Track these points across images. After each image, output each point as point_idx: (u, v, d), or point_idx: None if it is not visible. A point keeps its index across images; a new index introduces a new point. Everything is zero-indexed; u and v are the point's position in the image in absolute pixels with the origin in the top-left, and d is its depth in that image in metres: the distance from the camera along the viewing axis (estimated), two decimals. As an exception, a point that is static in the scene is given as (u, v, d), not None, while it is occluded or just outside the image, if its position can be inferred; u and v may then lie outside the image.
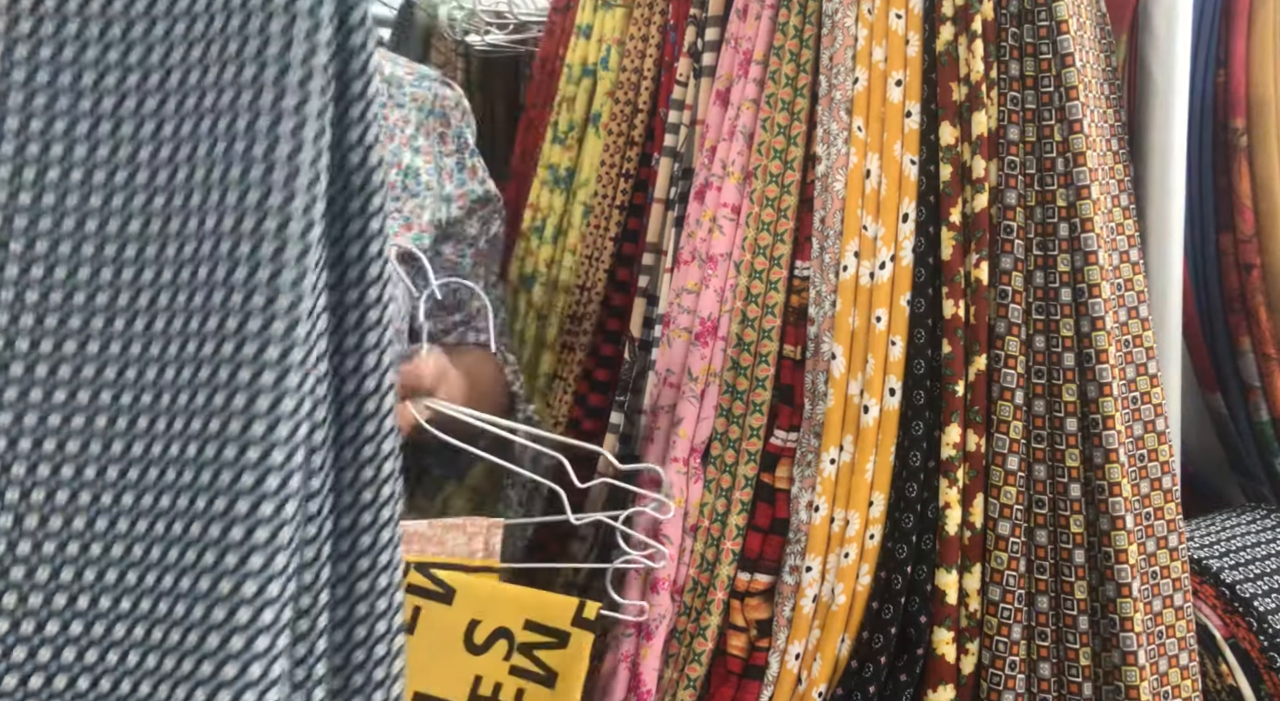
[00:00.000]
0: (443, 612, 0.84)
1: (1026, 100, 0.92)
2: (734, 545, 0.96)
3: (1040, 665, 0.90)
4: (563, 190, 1.27)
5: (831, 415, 0.94)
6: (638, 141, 1.19)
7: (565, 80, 1.28)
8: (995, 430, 0.91)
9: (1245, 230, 1.12)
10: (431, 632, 0.84)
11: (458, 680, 0.84)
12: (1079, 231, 0.89)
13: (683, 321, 1.03)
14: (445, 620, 0.84)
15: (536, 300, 1.26)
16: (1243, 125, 1.11)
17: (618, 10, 1.23)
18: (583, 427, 1.16)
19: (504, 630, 0.84)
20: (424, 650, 0.83)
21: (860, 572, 0.92)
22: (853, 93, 0.96)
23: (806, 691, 0.90)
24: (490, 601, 0.84)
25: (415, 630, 0.83)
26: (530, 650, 0.84)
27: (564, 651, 0.84)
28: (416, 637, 0.83)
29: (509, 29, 1.60)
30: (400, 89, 1.11)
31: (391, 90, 1.11)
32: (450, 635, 0.84)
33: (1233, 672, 0.99)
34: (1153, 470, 0.93)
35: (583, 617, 0.84)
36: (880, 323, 0.93)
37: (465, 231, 1.16)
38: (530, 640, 0.84)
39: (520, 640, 0.84)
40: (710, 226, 1.03)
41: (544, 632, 0.84)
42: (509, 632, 0.84)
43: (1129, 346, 0.93)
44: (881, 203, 0.95)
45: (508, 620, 0.84)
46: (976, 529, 0.90)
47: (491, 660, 0.84)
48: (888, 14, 0.95)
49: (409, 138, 1.11)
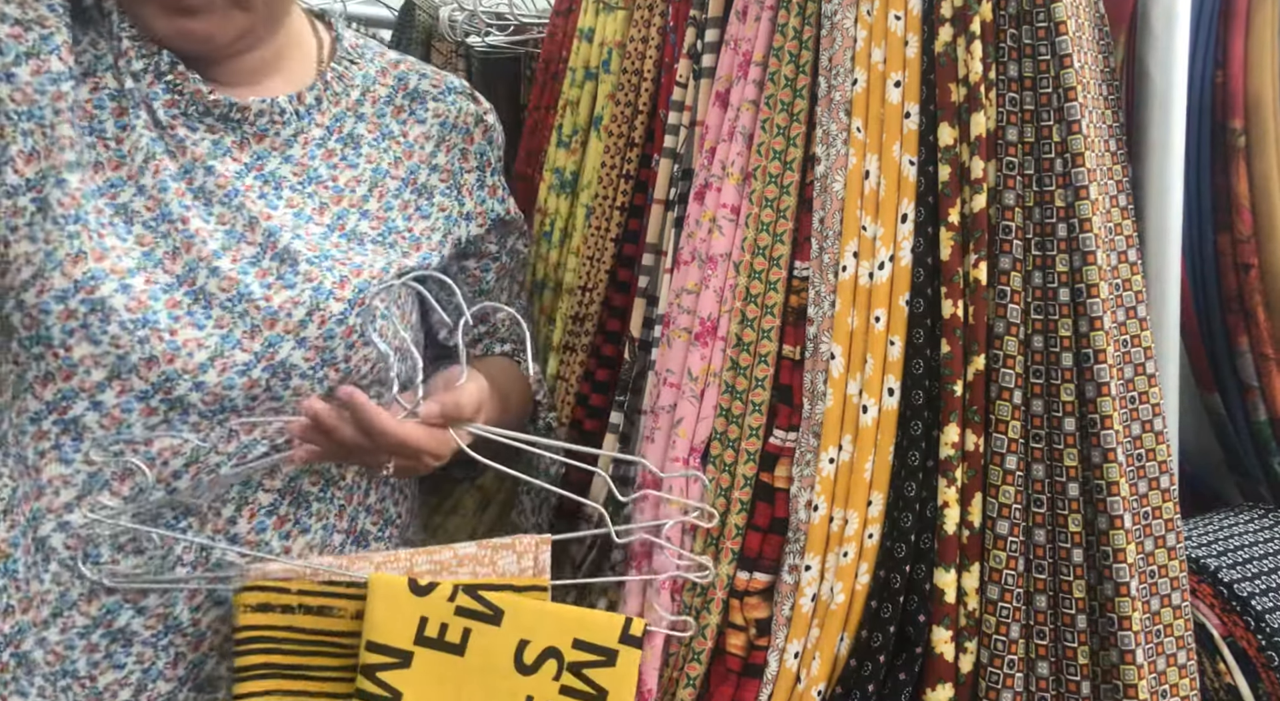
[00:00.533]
0: (493, 634, 0.84)
1: (1025, 101, 0.93)
2: (733, 544, 0.96)
3: (1038, 664, 0.90)
4: (568, 194, 1.27)
5: (830, 415, 0.94)
6: (638, 143, 1.19)
7: (569, 84, 1.29)
8: (994, 430, 0.91)
9: (1243, 230, 1.12)
10: (483, 654, 0.84)
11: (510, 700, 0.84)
12: (1077, 232, 0.90)
13: (682, 321, 1.03)
14: (495, 642, 0.84)
15: (547, 304, 1.27)
16: (1241, 125, 1.12)
17: (618, 13, 1.23)
18: (584, 427, 1.17)
19: (553, 650, 0.84)
20: (476, 671, 0.84)
21: (859, 571, 0.92)
22: (852, 94, 0.97)
23: (805, 690, 0.90)
24: (538, 620, 0.85)
25: (466, 652, 0.84)
26: (579, 669, 0.84)
27: (613, 669, 0.84)
28: (468, 659, 0.84)
29: (509, 30, 1.61)
30: (423, 104, 1.11)
31: (414, 105, 1.10)
32: (501, 657, 0.84)
33: (1230, 671, 0.99)
34: (1150, 470, 0.94)
35: (629, 634, 0.85)
36: (879, 323, 0.94)
37: (486, 248, 1.15)
38: (579, 659, 0.84)
39: (570, 659, 0.84)
40: (710, 227, 1.03)
41: (592, 651, 0.84)
42: (558, 652, 0.84)
43: (1127, 346, 0.93)
44: (880, 203, 0.95)
45: (556, 639, 0.84)
46: (975, 528, 0.91)
47: (542, 680, 0.84)
48: (886, 15, 0.95)
49: (428, 155, 1.10)
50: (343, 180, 1.05)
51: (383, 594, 0.85)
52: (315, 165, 1.03)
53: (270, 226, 0.98)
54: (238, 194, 0.98)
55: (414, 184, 1.08)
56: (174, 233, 0.95)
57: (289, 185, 1.01)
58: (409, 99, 1.10)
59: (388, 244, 1.04)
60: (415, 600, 0.84)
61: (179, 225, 0.95)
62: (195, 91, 0.97)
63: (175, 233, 0.95)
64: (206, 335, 0.94)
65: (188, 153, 0.97)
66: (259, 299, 0.95)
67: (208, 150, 0.98)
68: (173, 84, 0.97)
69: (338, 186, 1.04)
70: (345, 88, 1.07)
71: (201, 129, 0.99)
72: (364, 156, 1.06)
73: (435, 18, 1.69)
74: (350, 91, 1.08)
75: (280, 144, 1.02)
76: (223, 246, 0.96)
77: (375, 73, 1.10)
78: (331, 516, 1.03)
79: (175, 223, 0.95)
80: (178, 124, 0.97)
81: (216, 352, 0.93)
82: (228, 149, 0.99)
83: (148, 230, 0.94)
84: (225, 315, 0.94)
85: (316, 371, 0.96)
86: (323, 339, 0.96)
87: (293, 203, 1.01)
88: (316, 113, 1.05)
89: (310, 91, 1.04)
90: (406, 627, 0.84)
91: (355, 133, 1.07)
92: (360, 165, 1.06)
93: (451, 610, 0.84)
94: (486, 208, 1.13)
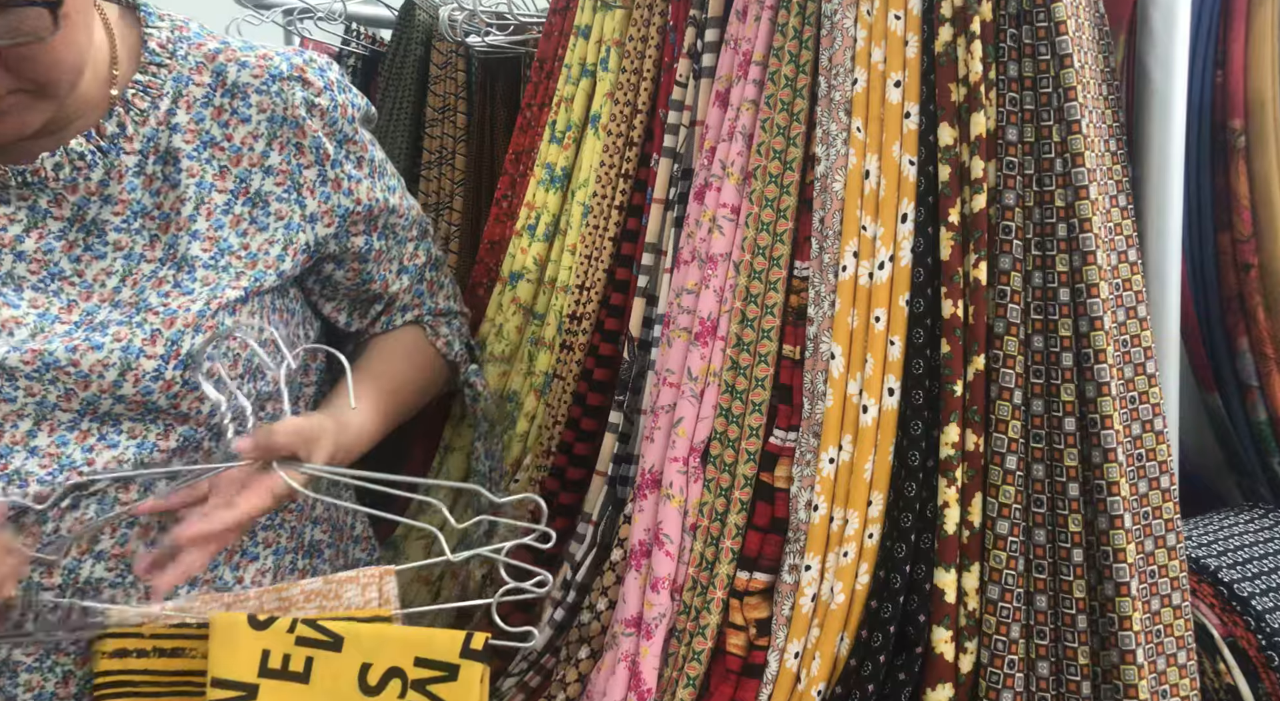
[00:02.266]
0: (335, 660, 0.86)
1: (1025, 101, 0.93)
2: (733, 544, 0.96)
3: (1039, 664, 0.90)
4: (559, 189, 1.27)
5: (830, 415, 0.94)
6: (637, 142, 1.19)
7: (564, 80, 1.28)
8: (994, 429, 0.91)
9: (1243, 230, 1.12)
10: (328, 679, 0.86)
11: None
12: (1077, 232, 0.90)
13: (682, 321, 1.03)
14: (338, 667, 0.86)
15: (522, 296, 1.26)
16: (1241, 126, 1.12)
17: (617, 11, 1.23)
18: (582, 427, 1.16)
19: (396, 669, 0.86)
20: (322, 695, 0.86)
21: (859, 571, 0.92)
22: (852, 93, 0.97)
23: (805, 690, 0.90)
24: (379, 644, 0.86)
25: (311, 679, 0.86)
26: (423, 686, 0.85)
27: (454, 684, 0.85)
28: (313, 686, 0.86)
29: (510, 30, 1.60)
30: (245, 99, 1.00)
31: (235, 102, 1.00)
32: (345, 681, 0.86)
33: (1230, 671, 0.99)
34: (1151, 469, 0.94)
35: (470, 648, 0.85)
36: (879, 323, 0.94)
37: (351, 242, 1.08)
38: (422, 676, 0.86)
39: (413, 677, 0.86)
40: (710, 227, 1.03)
41: (435, 667, 0.86)
42: (401, 671, 0.86)
43: (1127, 346, 0.93)
44: (880, 203, 0.95)
45: (398, 660, 0.86)
46: (975, 528, 0.91)
47: (387, 699, 0.86)
48: (886, 15, 0.95)
49: (260, 157, 1.00)
50: (167, 205, 0.97)
51: (223, 631, 0.88)
52: (138, 197, 0.97)
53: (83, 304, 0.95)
54: (55, 266, 0.95)
55: (245, 194, 1.00)
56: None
57: (113, 227, 0.96)
58: (229, 96, 1.00)
59: (220, 267, 0.97)
60: (256, 634, 0.87)
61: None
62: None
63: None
64: (20, 405, 0.92)
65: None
66: (66, 365, 0.92)
67: (26, 220, 0.95)
68: None
69: (164, 213, 0.97)
70: (152, 102, 0.98)
71: (14, 199, 0.95)
72: (184, 172, 0.97)
73: (435, 18, 1.68)
74: (159, 103, 0.98)
75: (95, 187, 0.95)
76: (32, 332, 0.93)
77: (188, 71, 1.00)
78: (283, 540, 1.05)
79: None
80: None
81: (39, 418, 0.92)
82: (46, 211, 0.95)
83: None
84: (34, 384, 0.92)
85: (144, 417, 0.95)
86: (140, 395, 0.94)
87: (120, 244, 0.96)
88: (122, 140, 0.96)
89: (110, 120, 0.96)
90: (249, 661, 0.87)
91: (172, 148, 0.98)
92: (183, 183, 0.97)
93: (292, 641, 0.87)
94: (332, 204, 1.03)
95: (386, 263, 1.13)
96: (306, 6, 1.93)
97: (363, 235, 1.09)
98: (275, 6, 1.93)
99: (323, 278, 1.11)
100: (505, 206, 1.37)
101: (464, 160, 1.67)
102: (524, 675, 1.08)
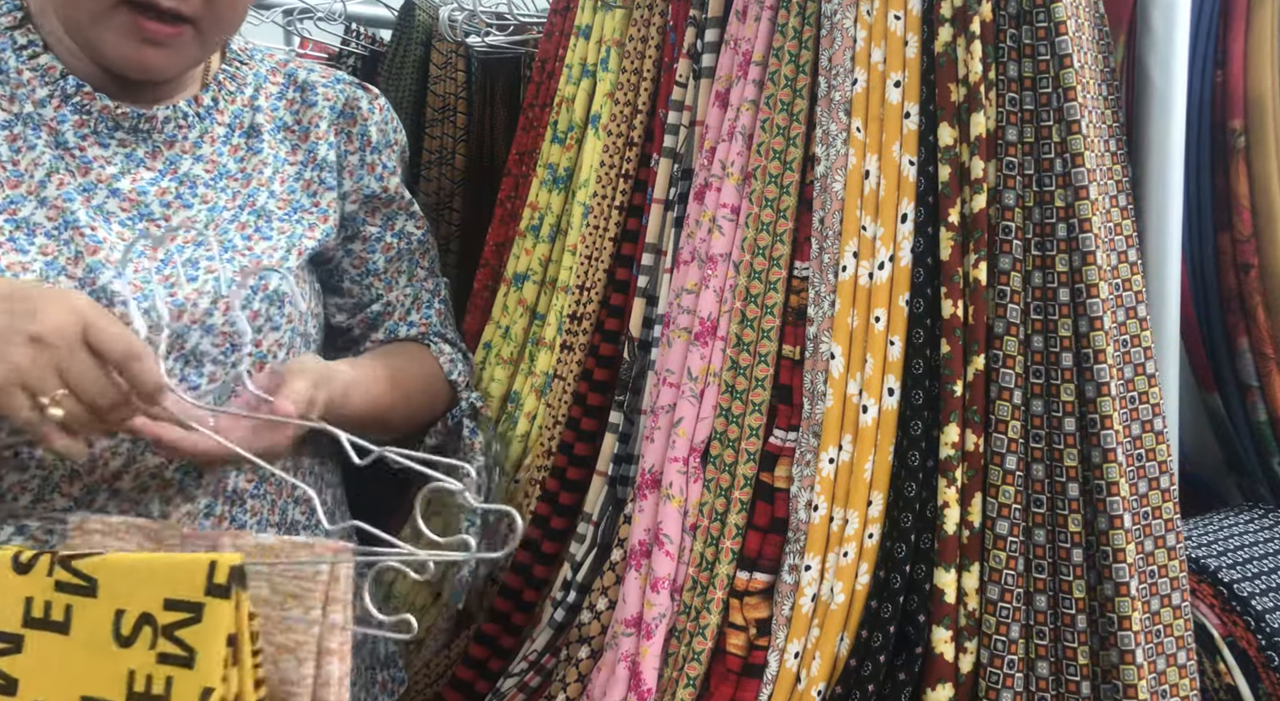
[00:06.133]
0: (92, 607, 0.75)
1: (1025, 101, 0.93)
2: (733, 544, 0.96)
3: (1038, 664, 0.90)
4: (561, 189, 1.27)
5: (830, 415, 0.94)
6: (637, 142, 1.19)
7: (565, 80, 1.28)
8: (993, 430, 0.91)
9: (1243, 230, 1.12)
10: (86, 630, 0.75)
11: (114, 678, 0.75)
12: (1077, 232, 0.90)
13: (682, 321, 1.03)
14: (95, 615, 0.75)
15: (528, 297, 1.27)
16: (1240, 126, 1.12)
17: (617, 11, 1.23)
18: (581, 427, 1.16)
19: (147, 616, 0.75)
20: (82, 649, 0.75)
21: (859, 571, 0.92)
22: (851, 94, 0.97)
23: (805, 690, 0.90)
24: (132, 584, 0.75)
25: (70, 630, 0.76)
26: (171, 631, 0.74)
27: (199, 627, 0.73)
28: (73, 637, 0.76)
29: (509, 30, 1.61)
30: (313, 92, 1.16)
31: (305, 95, 1.16)
32: (102, 631, 0.75)
33: (1230, 671, 0.99)
34: (1150, 469, 0.94)
35: (215, 583, 0.73)
36: (879, 323, 0.94)
37: (366, 230, 1.19)
38: (170, 620, 0.74)
39: (162, 622, 0.74)
40: (710, 227, 1.03)
41: (181, 609, 0.74)
42: (152, 618, 0.75)
43: (1127, 346, 0.93)
44: (880, 203, 0.95)
45: (149, 604, 0.74)
46: (975, 528, 0.91)
47: (140, 651, 0.75)
48: (886, 15, 0.95)
49: (323, 134, 1.15)
50: (250, 167, 1.10)
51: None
52: (224, 161, 1.09)
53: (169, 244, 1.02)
54: (146, 208, 1.02)
55: (313, 161, 1.14)
56: (77, 238, 0.97)
57: (203, 183, 1.07)
58: (299, 91, 1.16)
59: (294, 220, 1.10)
60: (18, 579, 0.76)
61: (85, 232, 0.97)
62: (103, 108, 1.01)
63: (79, 238, 0.97)
64: None
65: (91, 172, 1.01)
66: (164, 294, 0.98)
67: (121, 165, 1.02)
68: (80, 105, 1.00)
69: (246, 174, 1.10)
70: (238, 86, 1.12)
71: (113, 144, 1.02)
72: (265, 144, 1.12)
73: (435, 18, 1.68)
74: (244, 89, 1.13)
75: (190, 146, 1.07)
76: None
77: (265, 72, 1.16)
78: (265, 511, 1.07)
79: (81, 229, 0.97)
80: (88, 143, 1.01)
81: None
82: (141, 160, 1.04)
83: (50, 239, 0.97)
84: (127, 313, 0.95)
85: (228, 356, 1.00)
86: (227, 325, 1.00)
87: (207, 198, 1.06)
88: (216, 112, 1.10)
89: (206, 93, 1.09)
90: (14, 609, 0.76)
91: (255, 124, 1.12)
92: (264, 151, 1.12)
93: (51, 586, 0.76)
94: (362, 184, 1.17)
95: (404, 263, 1.21)
96: (306, 6, 1.93)
97: (381, 227, 1.19)
98: (275, 6, 1.93)
99: (331, 266, 1.18)
100: (510, 207, 1.37)
101: (464, 160, 1.67)
102: (524, 675, 1.07)
